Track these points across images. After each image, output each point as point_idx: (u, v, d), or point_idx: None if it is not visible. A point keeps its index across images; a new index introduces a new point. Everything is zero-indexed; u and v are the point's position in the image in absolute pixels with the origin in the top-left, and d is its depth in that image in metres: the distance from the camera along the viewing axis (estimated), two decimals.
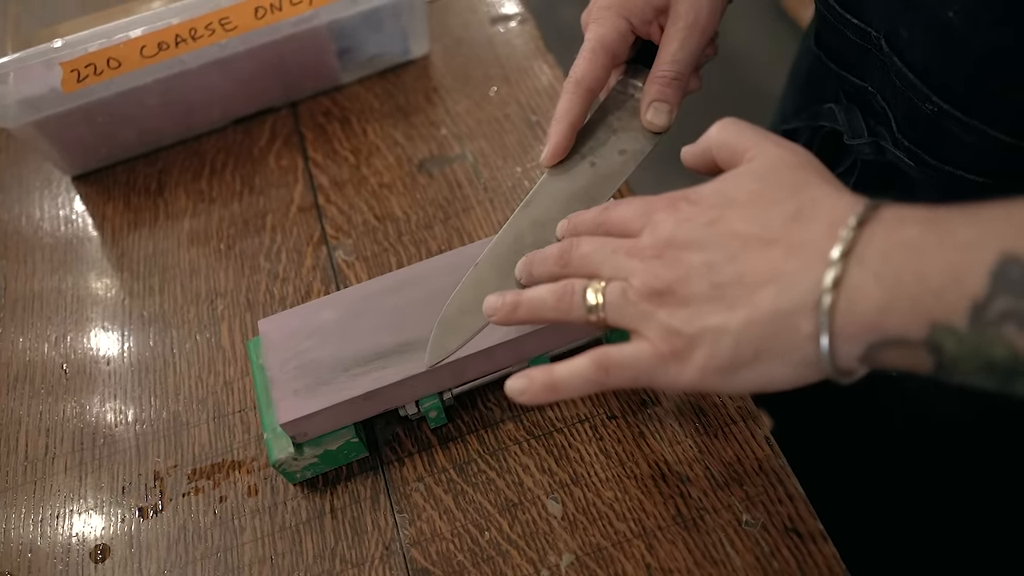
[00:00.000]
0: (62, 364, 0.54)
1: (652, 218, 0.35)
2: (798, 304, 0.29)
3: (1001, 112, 0.38)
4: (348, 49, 0.65)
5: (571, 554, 0.41)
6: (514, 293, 0.38)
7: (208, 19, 0.56)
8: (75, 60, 0.55)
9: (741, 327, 0.31)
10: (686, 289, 0.32)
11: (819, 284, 0.29)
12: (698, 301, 0.32)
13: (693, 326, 0.32)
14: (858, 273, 0.28)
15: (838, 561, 0.39)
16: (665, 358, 0.33)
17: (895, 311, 0.28)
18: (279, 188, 0.61)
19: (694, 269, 0.32)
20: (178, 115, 0.63)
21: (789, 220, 0.31)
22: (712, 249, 0.32)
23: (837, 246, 0.29)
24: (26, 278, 0.59)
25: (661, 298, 0.33)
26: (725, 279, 0.32)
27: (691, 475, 0.43)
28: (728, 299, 0.31)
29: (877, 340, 0.29)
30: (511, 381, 0.36)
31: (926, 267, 0.27)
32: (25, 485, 0.48)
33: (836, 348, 0.29)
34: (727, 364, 0.31)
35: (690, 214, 0.34)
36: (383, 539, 0.43)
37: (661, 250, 0.34)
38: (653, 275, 0.33)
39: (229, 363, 0.52)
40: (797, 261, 0.30)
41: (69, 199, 0.64)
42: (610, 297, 0.34)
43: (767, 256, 0.31)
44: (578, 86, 0.45)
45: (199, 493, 0.46)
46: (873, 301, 0.28)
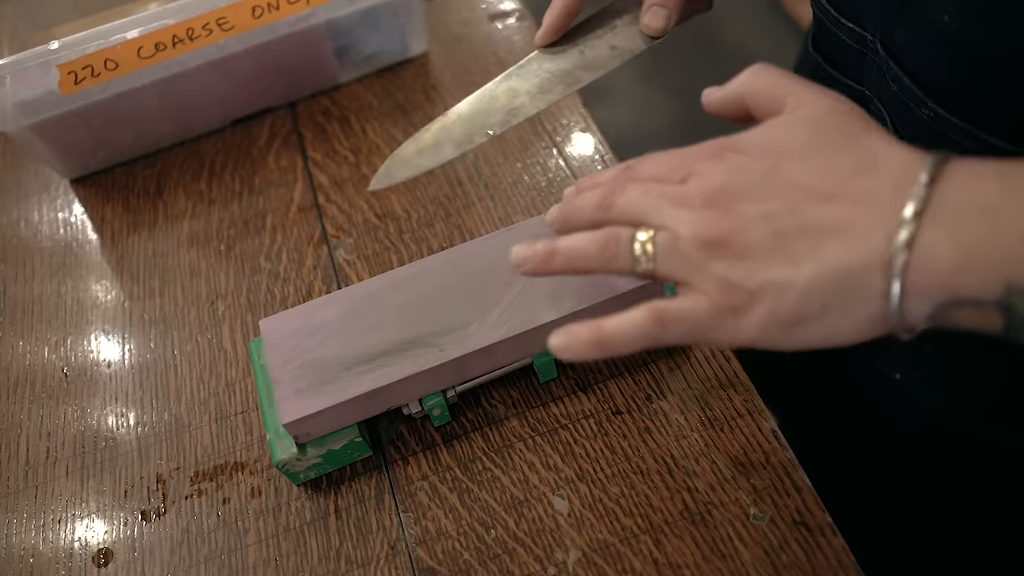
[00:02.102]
0: (63, 368, 0.53)
1: (696, 167, 0.33)
2: (869, 260, 0.28)
3: (997, 117, 0.37)
4: (346, 48, 0.65)
5: (578, 551, 0.41)
6: (546, 241, 0.36)
7: (205, 19, 0.56)
8: (72, 62, 0.55)
9: (807, 282, 0.29)
10: (744, 240, 0.31)
11: (891, 242, 0.28)
12: (757, 254, 0.30)
13: (754, 280, 0.30)
14: (932, 232, 0.27)
15: (847, 554, 0.39)
16: (723, 312, 0.31)
17: (969, 271, 0.27)
18: (279, 188, 0.61)
19: (751, 219, 0.31)
20: (176, 116, 0.63)
21: (852, 172, 0.30)
22: (769, 199, 0.31)
23: (910, 203, 0.28)
24: (25, 282, 0.59)
25: (716, 249, 0.31)
26: (786, 231, 0.30)
27: (698, 469, 0.42)
28: (790, 252, 0.30)
29: (949, 299, 0.28)
30: (554, 337, 0.33)
31: (1001, 226, 0.26)
32: (26, 490, 0.48)
33: (906, 306, 0.28)
34: (790, 319, 0.30)
35: (741, 163, 0.32)
36: (388, 539, 0.43)
37: (713, 199, 0.32)
38: (707, 224, 0.31)
39: (231, 364, 0.51)
40: (866, 216, 0.29)
41: (68, 202, 0.63)
42: (661, 247, 0.32)
43: (831, 209, 0.30)
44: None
45: (202, 495, 0.46)
46: (947, 260, 0.27)
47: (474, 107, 0.47)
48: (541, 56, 0.48)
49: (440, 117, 0.47)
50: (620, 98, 1.81)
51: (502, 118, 0.47)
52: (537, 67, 0.48)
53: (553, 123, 0.61)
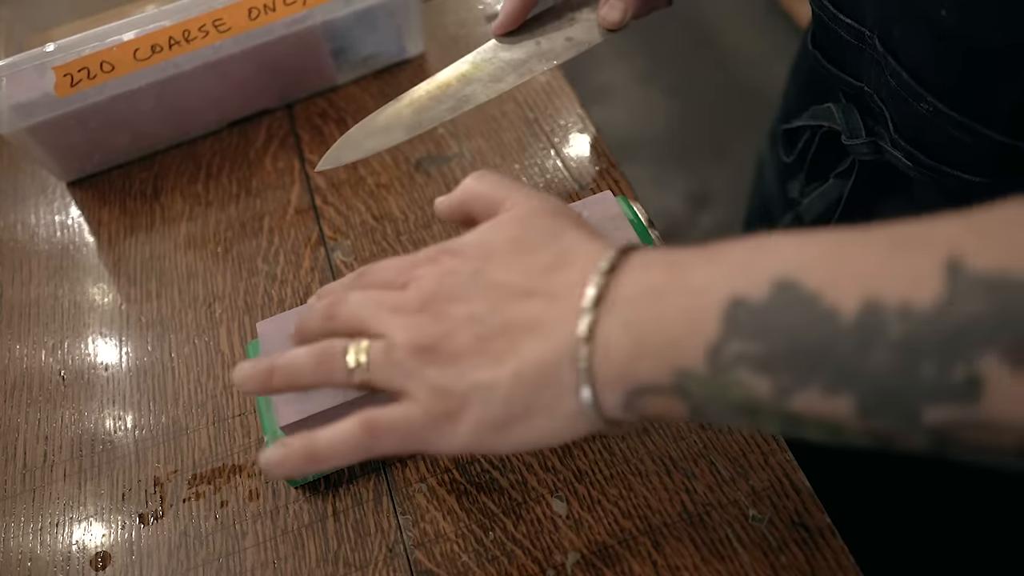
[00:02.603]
0: (60, 371, 0.53)
1: (416, 272, 0.34)
2: (559, 354, 0.29)
3: (994, 111, 0.37)
4: (343, 49, 0.65)
5: (577, 553, 0.41)
6: (268, 359, 0.35)
7: (201, 21, 0.56)
8: (68, 64, 0.55)
9: (509, 380, 0.30)
10: (452, 344, 0.31)
11: (574, 333, 0.28)
12: (466, 356, 0.31)
13: (463, 383, 0.31)
14: (608, 321, 0.28)
15: (847, 555, 0.39)
16: (436, 418, 0.31)
17: (643, 358, 0.27)
18: (276, 190, 0.61)
19: (459, 322, 0.31)
20: (173, 118, 0.63)
21: (547, 268, 0.31)
22: (475, 301, 0.32)
23: (590, 292, 0.29)
24: (22, 285, 0.59)
25: (428, 355, 0.31)
26: (491, 331, 0.31)
27: (696, 471, 0.42)
28: (495, 352, 0.30)
29: (632, 388, 0.28)
30: (266, 452, 0.33)
31: (666, 313, 0.27)
32: (24, 493, 0.48)
33: (598, 398, 0.29)
34: (500, 421, 0.30)
35: (452, 266, 0.33)
36: (387, 541, 0.43)
37: (425, 304, 0.32)
38: (419, 330, 0.32)
39: (228, 367, 0.51)
40: (556, 310, 0.30)
41: (64, 205, 0.63)
42: (375, 356, 0.33)
43: (528, 305, 0.30)
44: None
45: (200, 498, 0.46)
46: (623, 349, 0.28)
47: (426, 94, 0.50)
48: (497, 46, 0.51)
49: (392, 102, 0.49)
50: (618, 99, 1.81)
51: (452, 105, 0.49)
52: (491, 56, 0.50)
53: (551, 124, 0.61)
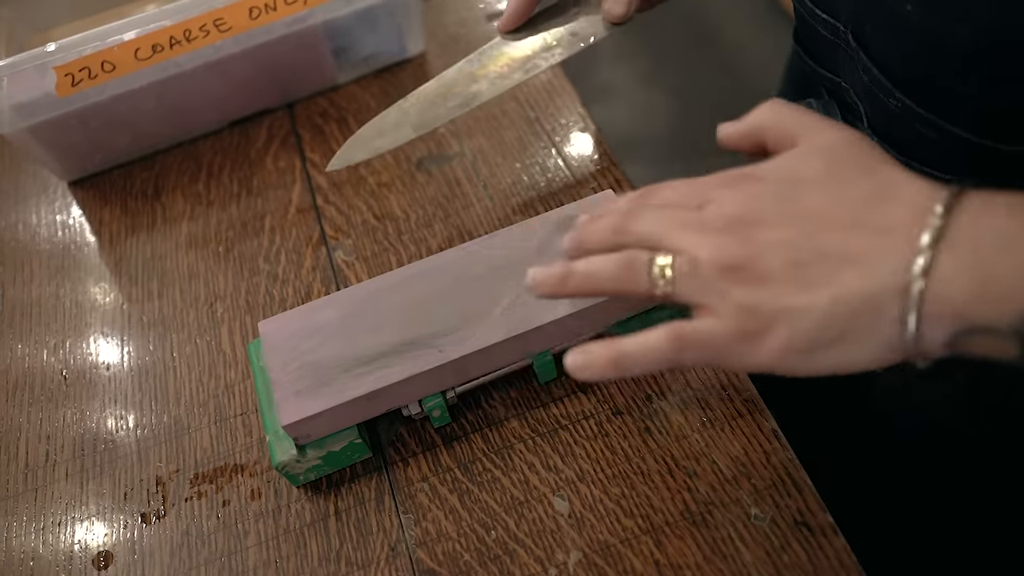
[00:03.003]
0: (62, 370, 0.53)
1: (713, 194, 0.33)
2: (886, 288, 0.29)
3: (960, 108, 0.37)
4: (343, 49, 0.64)
5: (579, 552, 0.41)
6: (564, 263, 0.36)
7: (202, 20, 0.56)
8: (69, 64, 0.55)
9: (825, 308, 0.30)
10: (762, 266, 0.31)
11: (908, 270, 0.28)
12: (776, 279, 0.31)
13: (772, 305, 0.30)
14: (948, 261, 0.28)
15: (849, 554, 0.39)
16: (742, 336, 0.31)
17: (984, 299, 0.27)
18: (277, 189, 0.61)
19: (769, 245, 0.31)
20: (174, 118, 0.63)
21: (868, 200, 0.30)
22: (787, 226, 0.31)
23: (927, 232, 0.28)
24: (24, 285, 0.59)
25: (735, 274, 0.31)
26: (804, 258, 0.30)
27: (698, 470, 0.42)
28: (808, 279, 0.30)
29: (964, 327, 0.28)
30: (570, 356, 0.34)
31: (1016, 256, 0.27)
32: (26, 493, 0.48)
33: (922, 334, 0.29)
34: (808, 345, 0.30)
35: (758, 191, 0.32)
36: (388, 540, 0.43)
37: (731, 225, 0.32)
38: (725, 250, 0.32)
39: (230, 366, 0.51)
40: (883, 244, 0.29)
41: (66, 204, 0.63)
42: (679, 270, 0.33)
43: (848, 237, 0.30)
44: None
45: (202, 498, 0.46)
46: (962, 289, 0.27)
47: (433, 92, 0.50)
48: (502, 42, 0.51)
49: (400, 101, 0.50)
50: (619, 98, 1.80)
51: (460, 102, 0.50)
52: (497, 52, 0.50)
53: (552, 123, 0.61)
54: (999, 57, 0.34)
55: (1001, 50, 0.34)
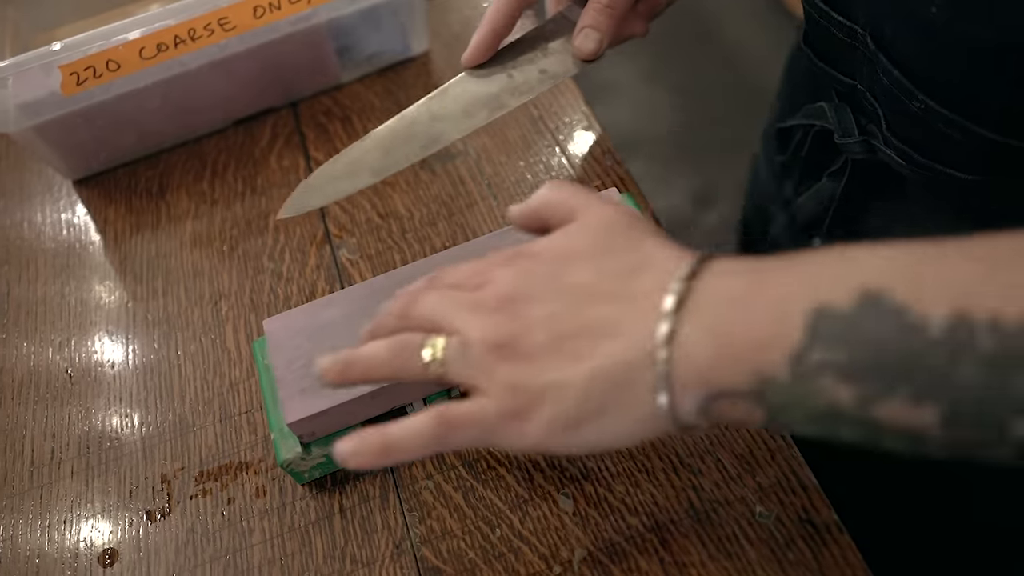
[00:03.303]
0: (67, 369, 0.53)
1: (491, 274, 0.34)
2: (638, 356, 0.29)
3: (985, 109, 0.37)
4: (347, 48, 0.65)
5: (583, 549, 0.41)
6: (348, 352, 0.36)
7: (207, 19, 0.56)
8: (74, 63, 0.55)
9: (585, 380, 0.30)
10: (528, 342, 0.31)
11: (653, 336, 0.29)
12: (541, 355, 0.31)
13: (537, 381, 0.31)
14: (689, 325, 0.28)
15: (854, 551, 0.39)
16: (509, 415, 0.31)
17: (724, 364, 0.28)
18: (281, 188, 0.61)
19: (536, 321, 0.32)
20: (178, 117, 0.63)
21: (626, 273, 0.31)
22: (553, 301, 0.32)
23: (669, 298, 0.29)
24: (29, 283, 0.59)
25: (502, 352, 0.32)
26: (567, 331, 0.31)
27: (703, 468, 0.42)
28: (570, 352, 0.31)
29: (711, 393, 0.29)
30: (341, 443, 0.33)
31: (749, 319, 0.28)
32: (31, 490, 0.48)
33: (674, 401, 0.29)
34: (572, 420, 0.31)
35: (530, 267, 0.33)
36: (393, 538, 0.43)
37: (502, 304, 0.33)
38: (495, 328, 0.32)
39: (234, 364, 0.51)
40: (635, 313, 0.30)
41: (70, 203, 0.63)
42: (450, 352, 0.33)
43: (607, 308, 0.31)
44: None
45: (207, 495, 0.46)
46: (704, 353, 0.28)
47: (393, 132, 0.47)
48: (467, 78, 0.48)
49: (357, 142, 0.46)
50: (621, 97, 1.80)
51: (422, 143, 0.46)
52: (461, 90, 0.48)
53: (555, 121, 0.61)
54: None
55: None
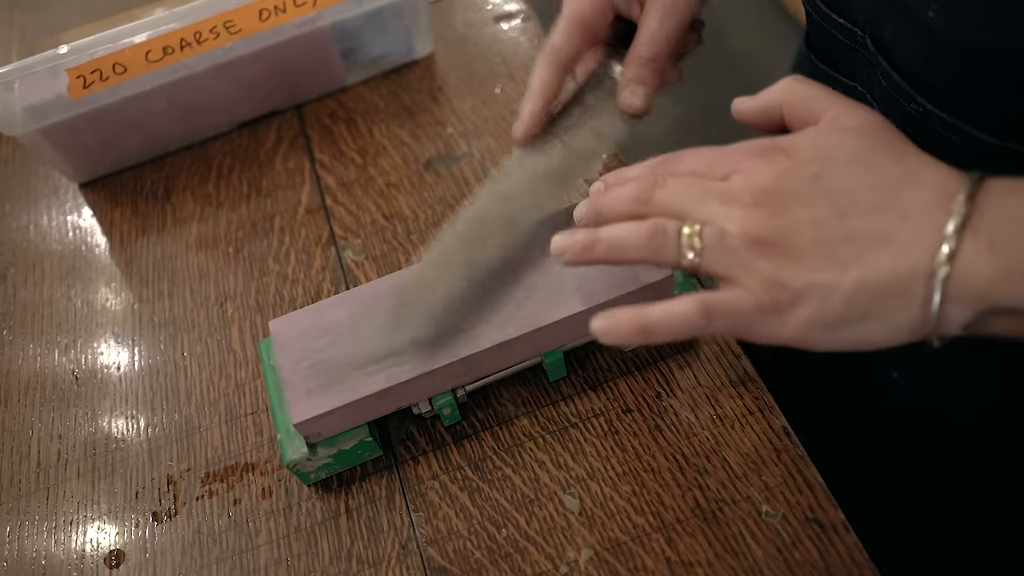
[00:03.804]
0: (73, 370, 0.54)
1: (741, 165, 0.33)
2: (913, 270, 0.29)
3: (983, 112, 0.37)
4: (352, 50, 0.65)
5: (590, 549, 0.41)
6: (588, 231, 0.36)
7: (212, 23, 0.56)
8: (81, 66, 0.55)
9: (853, 286, 0.30)
10: (792, 241, 0.31)
11: (934, 254, 0.29)
12: (805, 255, 0.31)
13: (801, 280, 0.31)
14: (971, 245, 0.29)
15: (860, 550, 0.39)
16: (767, 309, 0.31)
17: (1007, 282, 0.28)
18: (286, 190, 0.61)
19: (800, 222, 0.31)
20: (184, 119, 0.63)
21: (897, 185, 0.31)
22: (818, 204, 0.31)
23: (952, 219, 0.29)
24: (35, 285, 0.59)
25: (764, 248, 0.31)
26: (834, 236, 0.31)
27: (709, 467, 0.42)
28: (837, 257, 0.31)
29: (987, 308, 0.29)
30: (596, 320, 0.33)
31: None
32: (38, 492, 0.48)
33: (945, 316, 0.29)
34: (832, 321, 0.31)
35: (788, 165, 0.33)
36: (399, 538, 0.43)
37: (761, 198, 0.32)
38: (756, 223, 0.32)
39: (240, 365, 0.52)
40: (910, 228, 0.30)
41: (77, 206, 0.64)
42: (708, 241, 0.32)
43: (878, 218, 0.31)
44: (552, 59, 0.43)
45: (213, 496, 0.46)
46: (985, 272, 0.28)
47: (470, 232, 0.43)
48: (523, 154, 0.44)
49: (435, 244, 0.43)
50: None
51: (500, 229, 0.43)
52: (524, 166, 0.44)
53: None
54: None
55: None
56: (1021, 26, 0.33)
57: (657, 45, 0.43)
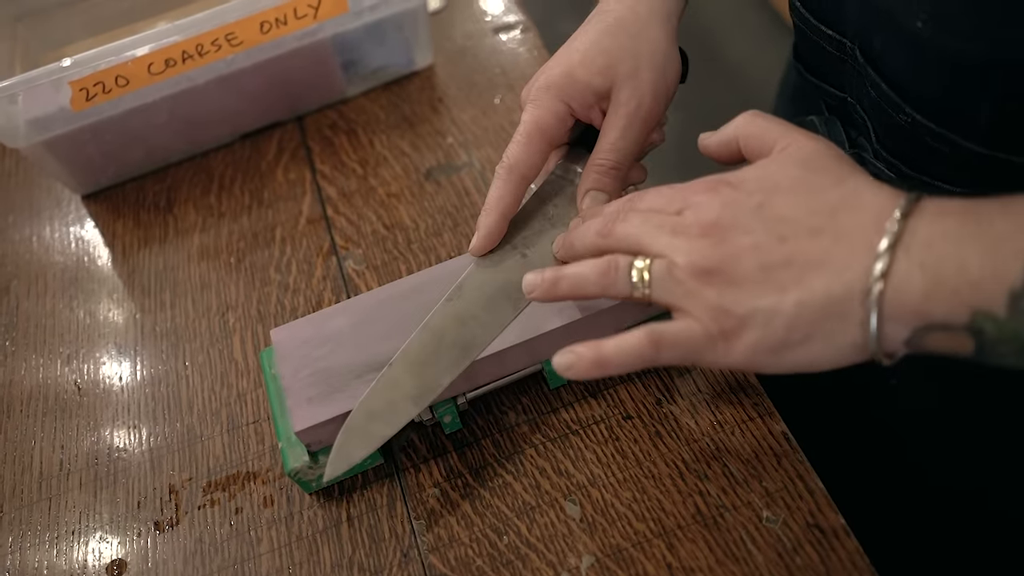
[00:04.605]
0: (75, 381, 0.54)
1: (692, 199, 0.35)
2: (848, 291, 0.30)
3: (972, 122, 0.38)
4: (352, 62, 0.65)
5: (591, 556, 0.41)
6: (554, 269, 0.38)
7: (214, 35, 0.57)
8: (84, 79, 0.56)
9: (793, 310, 0.31)
10: (735, 269, 0.33)
11: (869, 273, 0.30)
12: (747, 282, 0.32)
13: (743, 306, 0.32)
14: (904, 263, 0.29)
15: (862, 555, 0.39)
16: (714, 337, 0.33)
17: (938, 298, 0.29)
18: (287, 201, 0.61)
19: (742, 249, 0.33)
20: (186, 131, 0.64)
21: (835, 208, 0.32)
22: (759, 232, 0.33)
23: (885, 237, 0.30)
24: (38, 297, 0.59)
25: (709, 277, 0.33)
26: (774, 261, 0.32)
27: (709, 473, 0.42)
28: (778, 281, 0.32)
29: (922, 325, 0.30)
30: (558, 356, 0.36)
31: (966, 257, 0.28)
32: (40, 502, 0.48)
33: (883, 333, 0.30)
34: (776, 345, 0.32)
35: (733, 197, 0.34)
36: (401, 546, 0.43)
37: (707, 230, 0.34)
38: (701, 253, 0.33)
39: (242, 375, 0.52)
40: (846, 249, 0.31)
41: (79, 218, 0.64)
42: (656, 274, 0.35)
43: (816, 242, 0.32)
44: (511, 172, 0.43)
45: (215, 505, 0.46)
46: (918, 289, 0.29)
47: (421, 356, 0.41)
48: (480, 268, 0.44)
49: (385, 370, 0.41)
50: None
51: (456, 356, 0.41)
52: (480, 282, 0.43)
53: None
54: (1012, 73, 0.35)
55: (1014, 66, 0.35)
56: (1009, 36, 0.34)
57: (618, 153, 0.43)
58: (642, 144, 0.45)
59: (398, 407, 0.40)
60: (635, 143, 0.44)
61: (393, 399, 0.40)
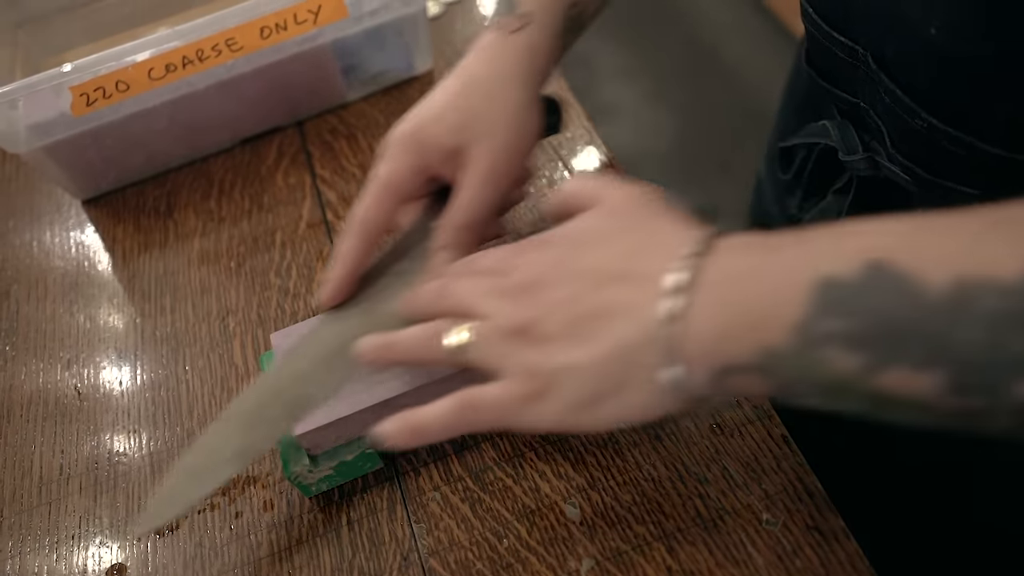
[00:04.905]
0: (75, 385, 0.54)
1: (519, 260, 0.35)
2: (646, 335, 0.30)
3: (989, 126, 0.38)
4: (352, 67, 0.66)
5: (591, 559, 0.41)
6: (388, 335, 0.38)
7: (214, 40, 0.57)
8: (84, 84, 0.56)
9: (596, 361, 0.31)
10: (544, 326, 0.32)
11: (657, 316, 0.29)
12: (554, 339, 0.32)
13: (549, 364, 0.32)
14: (695, 304, 0.29)
15: (861, 558, 0.39)
16: (527, 398, 0.32)
17: (729, 338, 0.28)
18: (288, 205, 0.61)
19: (554, 304, 0.33)
20: (186, 136, 0.64)
21: (634, 252, 0.32)
22: (567, 285, 0.33)
23: (673, 277, 0.29)
24: (38, 302, 0.59)
25: (523, 336, 0.33)
26: (582, 313, 0.32)
27: (709, 476, 0.42)
28: (583, 335, 0.31)
29: (719, 367, 0.29)
30: (381, 426, 0.36)
31: (753, 293, 0.28)
32: (40, 507, 0.48)
33: (684, 377, 0.29)
34: (587, 400, 0.31)
35: (552, 254, 0.35)
36: (401, 550, 0.43)
37: (525, 288, 0.34)
38: (515, 314, 0.33)
39: (242, 379, 0.52)
40: (639, 293, 0.30)
41: (80, 223, 0.64)
42: (475, 337, 0.35)
43: (617, 289, 0.31)
44: (361, 227, 0.43)
45: (214, 509, 0.46)
46: (711, 330, 0.28)
47: (258, 404, 0.41)
48: (325, 323, 0.43)
49: (213, 422, 0.41)
50: (624, 116, 1.82)
51: (288, 412, 0.41)
52: (322, 338, 0.43)
53: (558, 137, 0.61)
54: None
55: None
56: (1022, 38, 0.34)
57: (471, 213, 0.43)
58: (497, 202, 0.44)
59: (218, 467, 0.40)
60: (489, 202, 0.43)
61: (213, 458, 0.40)
